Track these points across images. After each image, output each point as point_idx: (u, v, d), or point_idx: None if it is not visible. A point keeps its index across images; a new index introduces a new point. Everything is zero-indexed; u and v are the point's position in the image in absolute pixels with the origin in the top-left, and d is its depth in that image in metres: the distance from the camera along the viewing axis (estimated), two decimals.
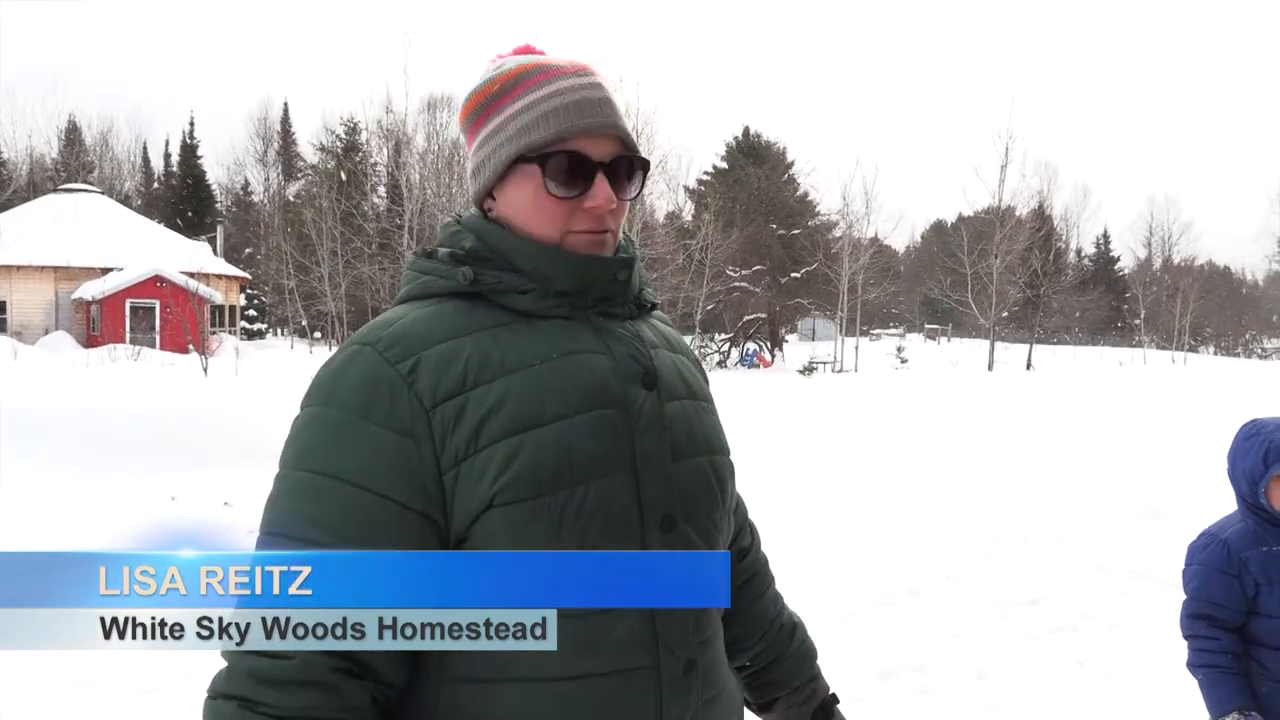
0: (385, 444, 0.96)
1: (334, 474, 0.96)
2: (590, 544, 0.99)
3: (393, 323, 1.04)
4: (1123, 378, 23.50)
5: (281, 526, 0.96)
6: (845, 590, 4.98)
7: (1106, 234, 67.50)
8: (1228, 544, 2.13)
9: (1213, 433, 10.57)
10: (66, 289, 30.28)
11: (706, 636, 1.09)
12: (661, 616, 1.03)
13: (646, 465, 1.04)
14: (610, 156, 1.08)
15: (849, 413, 14.47)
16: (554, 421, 0.99)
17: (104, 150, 50.14)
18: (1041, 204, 40.14)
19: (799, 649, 1.37)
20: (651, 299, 1.20)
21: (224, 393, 11.80)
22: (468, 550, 0.98)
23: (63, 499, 6.96)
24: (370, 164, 37.97)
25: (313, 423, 1.00)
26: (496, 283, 1.07)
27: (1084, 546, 6.02)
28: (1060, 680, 3.85)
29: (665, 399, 1.09)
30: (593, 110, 1.07)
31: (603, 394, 1.04)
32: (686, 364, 1.20)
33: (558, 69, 1.10)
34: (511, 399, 0.99)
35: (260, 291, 42.59)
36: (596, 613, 0.99)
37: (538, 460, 0.97)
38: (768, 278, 35.58)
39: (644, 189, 1.18)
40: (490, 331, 1.04)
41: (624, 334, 1.11)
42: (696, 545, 1.08)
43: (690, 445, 1.10)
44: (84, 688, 3.61)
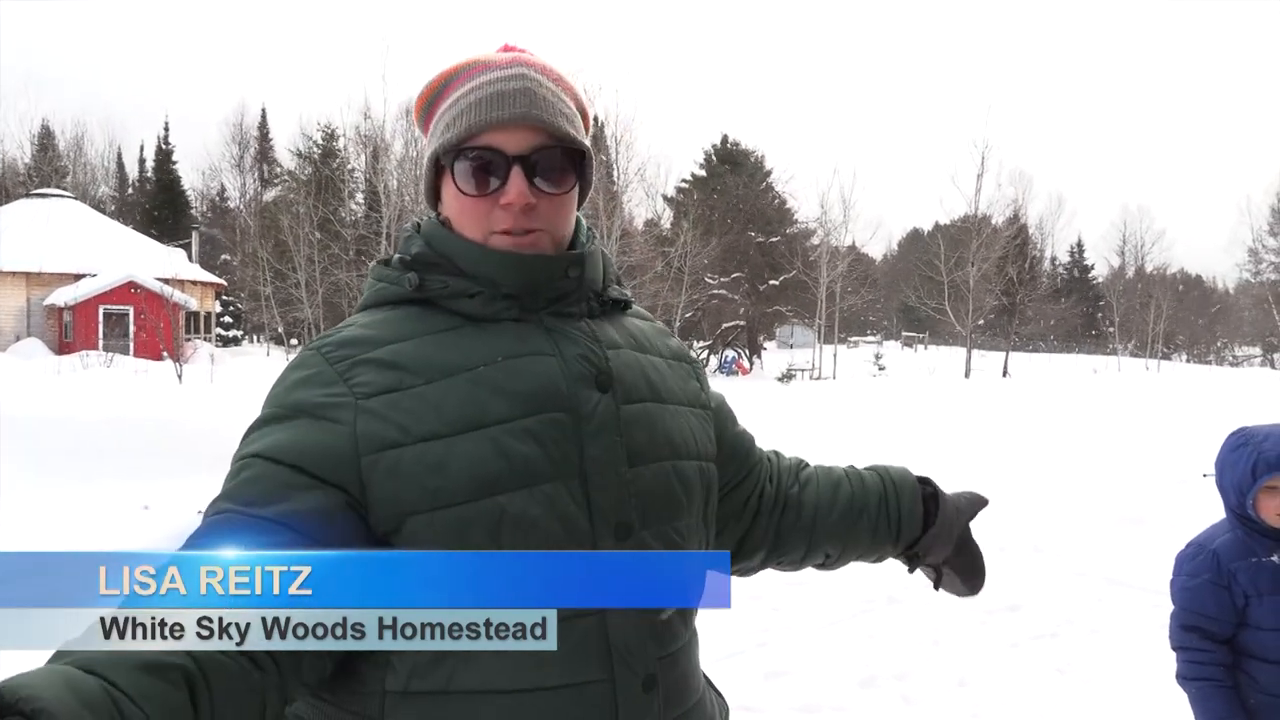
0: (305, 426, 0.96)
1: (255, 454, 0.96)
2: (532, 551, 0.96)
3: (342, 329, 1.05)
4: (1098, 385, 23.74)
5: (208, 508, 0.96)
6: (826, 598, 4.99)
7: (1080, 243, 68.36)
8: (1216, 555, 2.10)
9: (1187, 440, 10.73)
10: (39, 295, 29.84)
11: (671, 652, 1.04)
12: (616, 629, 0.98)
13: (598, 470, 1.00)
14: (530, 149, 1.03)
15: (828, 420, 14.52)
16: (495, 424, 0.96)
17: (77, 155, 49.46)
18: (1017, 213, 40.55)
19: (891, 471, 1.37)
20: (619, 295, 1.15)
21: (199, 400, 11.67)
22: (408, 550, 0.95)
23: (33, 507, 6.85)
24: (348, 170, 37.77)
25: (259, 417, 1.01)
26: (443, 288, 1.05)
27: (1062, 553, 6.08)
28: (1041, 687, 3.87)
29: (623, 401, 1.05)
30: (505, 103, 1.03)
31: (549, 397, 1.00)
32: (658, 365, 1.14)
33: (487, 64, 1.07)
34: (451, 400, 0.97)
35: (236, 298, 42.20)
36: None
37: (474, 463, 0.94)
38: (746, 285, 35.71)
39: (589, 179, 1.10)
40: (435, 336, 1.02)
41: (577, 334, 1.06)
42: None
43: (651, 449, 1.05)
44: None
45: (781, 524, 1.32)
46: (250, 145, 53.62)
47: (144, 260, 30.51)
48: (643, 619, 1.01)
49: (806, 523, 1.32)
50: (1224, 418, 9.80)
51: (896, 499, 1.33)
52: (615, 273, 1.17)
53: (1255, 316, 55.14)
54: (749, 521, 1.31)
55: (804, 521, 1.32)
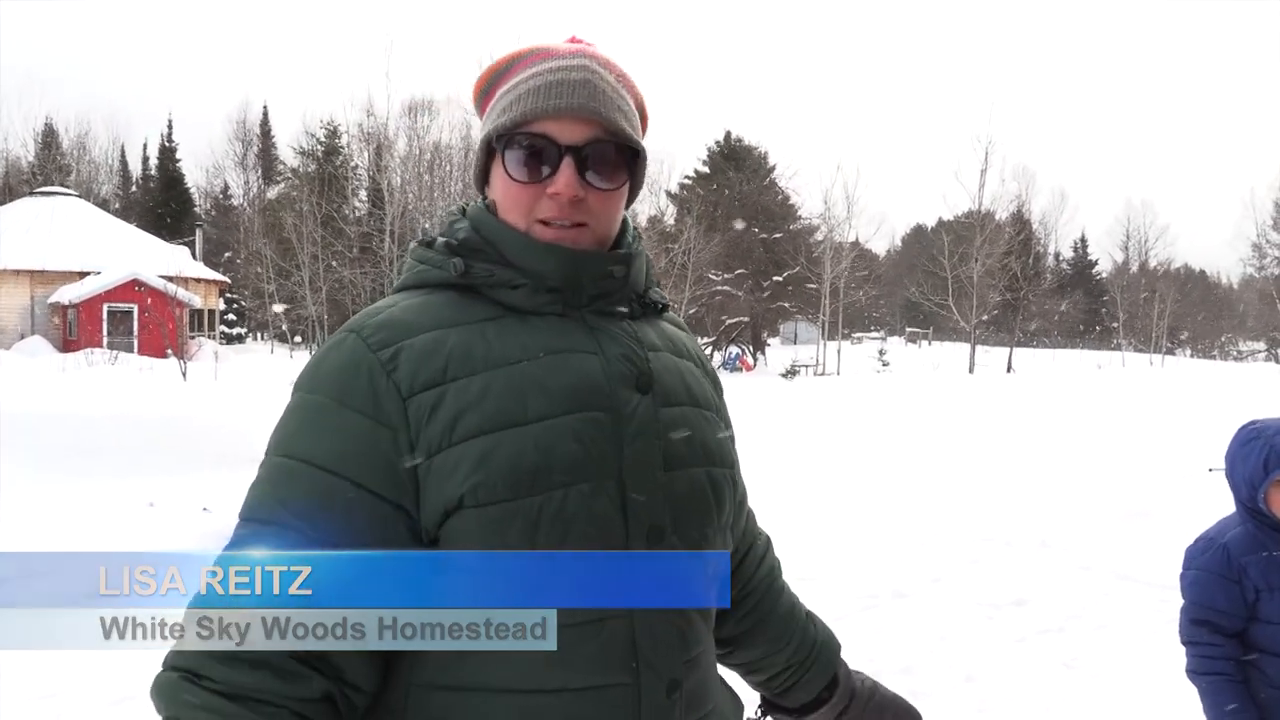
0: (360, 430, 0.93)
1: (307, 459, 0.93)
2: (568, 551, 0.94)
3: (381, 311, 1.02)
4: (1102, 380, 23.70)
5: (254, 511, 0.94)
6: (832, 593, 4.98)
7: (1084, 238, 68.18)
8: (1227, 549, 2.08)
9: (1193, 434, 10.69)
10: (43, 293, 29.89)
11: (693, 656, 1.03)
12: (643, 632, 0.97)
13: (634, 472, 0.98)
14: (584, 141, 1.01)
15: (833, 416, 14.51)
16: (536, 421, 0.95)
17: (81, 153, 49.53)
18: (1020, 208, 40.47)
19: (825, 634, 1.34)
20: (659, 299, 1.14)
21: (203, 397, 11.70)
22: (440, 550, 0.94)
23: (39, 504, 6.86)
24: (351, 167, 37.78)
25: (295, 408, 0.98)
26: (488, 276, 1.03)
27: (1068, 548, 6.06)
28: (1048, 682, 3.86)
29: (661, 404, 1.04)
30: (564, 92, 1.01)
31: (591, 395, 0.99)
32: (693, 370, 1.13)
33: (550, 52, 1.06)
34: (492, 395, 0.95)
35: (240, 296, 42.25)
36: (572, 625, 0.94)
37: (515, 460, 0.93)
38: (750, 281, 35.68)
39: (641, 178, 1.09)
40: (478, 325, 1.00)
41: (620, 334, 1.05)
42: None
43: (687, 454, 1.04)
44: (51, 698, 3.54)
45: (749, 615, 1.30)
46: (253, 142, 53.68)
47: (148, 258, 30.55)
48: (670, 622, 1.00)
49: (761, 625, 1.29)
50: (1229, 412, 9.77)
51: (812, 664, 1.30)
52: (655, 275, 1.17)
53: (1260, 311, 54.99)
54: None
55: (760, 624, 1.29)
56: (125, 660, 3.88)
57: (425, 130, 32.69)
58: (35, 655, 3.91)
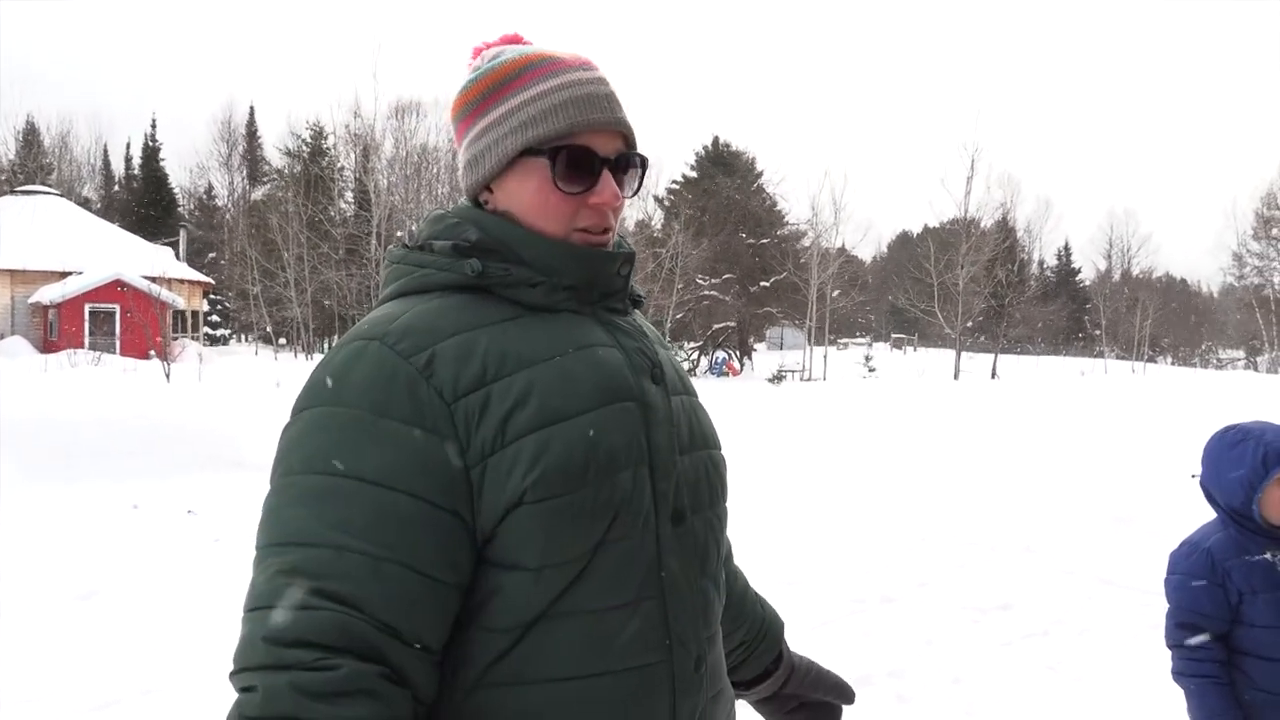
0: (408, 441, 0.92)
1: (355, 475, 0.90)
2: (612, 537, 0.97)
3: (397, 317, 0.99)
4: (1085, 387, 23.88)
5: (298, 535, 0.89)
6: (819, 597, 4.99)
7: (1068, 246, 68.72)
8: (1210, 553, 2.10)
9: (1174, 441, 10.78)
10: (23, 293, 29.60)
11: (712, 632, 1.09)
12: (674, 612, 1.02)
13: (660, 458, 1.03)
14: (616, 153, 1.07)
15: (819, 421, 14.55)
16: (579, 414, 0.98)
17: (63, 152, 49.15)
18: (1005, 216, 40.73)
19: (772, 613, 1.40)
20: (637, 294, 1.19)
21: (187, 400, 11.62)
22: (495, 548, 0.95)
23: (21, 507, 6.79)
24: (337, 169, 37.64)
25: (321, 424, 0.94)
26: (505, 275, 1.04)
27: (1052, 553, 6.10)
28: (1034, 685, 3.88)
29: (670, 394, 1.09)
30: (601, 105, 1.06)
31: (621, 387, 1.03)
32: (676, 360, 1.21)
33: (562, 61, 1.08)
34: (536, 392, 0.97)
35: (224, 297, 41.99)
36: (610, 609, 0.97)
37: (568, 454, 0.95)
38: (737, 286, 35.75)
39: (641, 186, 1.17)
40: (500, 325, 1.01)
41: (629, 328, 1.11)
42: (701, 539, 1.08)
43: (693, 439, 1.11)
44: (38, 701, 3.50)
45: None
46: (238, 143, 53.38)
47: (131, 258, 30.30)
48: (695, 599, 1.05)
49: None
50: (1209, 420, 9.84)
51: (760, 640, 1.36)
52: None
53: (1239, 320, 55.53)
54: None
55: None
56: (108, 665, 3.85)
57: (412, 132, 32.63)
58: (17, 659, 3.88)
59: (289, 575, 0.88)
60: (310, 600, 0.86)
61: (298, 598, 0.86)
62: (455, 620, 0.95)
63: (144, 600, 4.70)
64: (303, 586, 0.87)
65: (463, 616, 0.95)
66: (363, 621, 0.87)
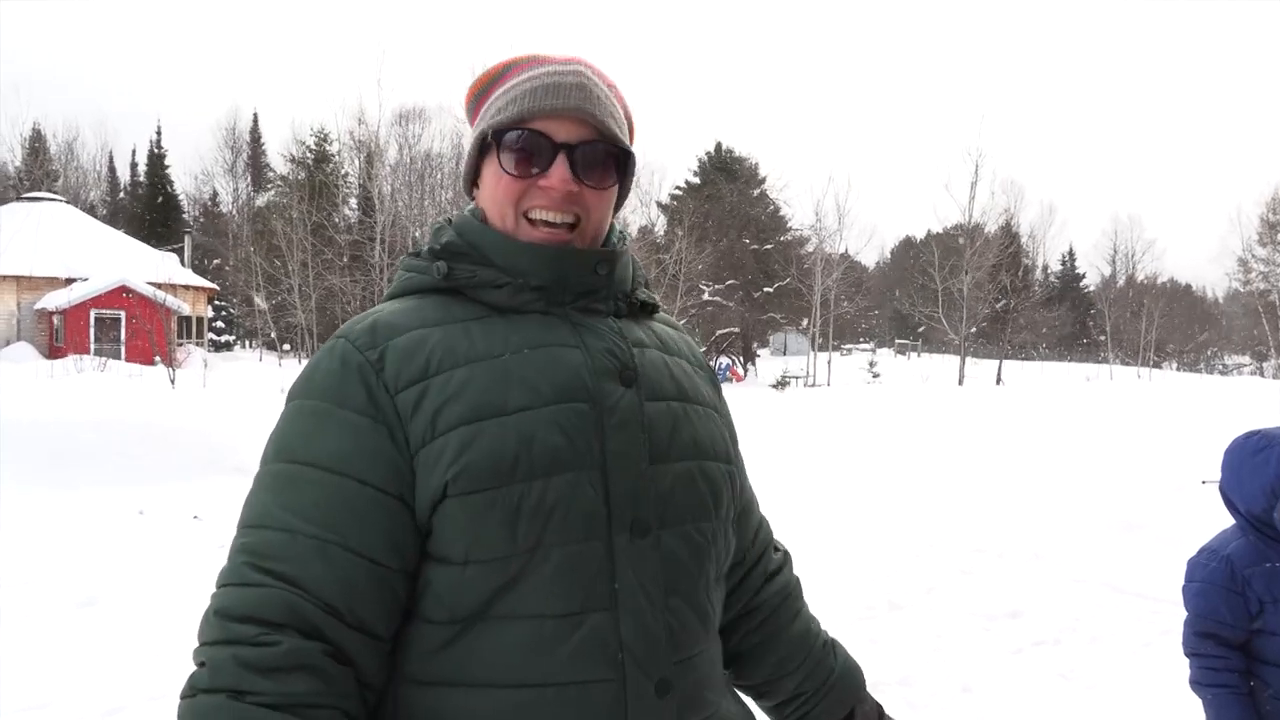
0: (359, 429, 0.95)
1: (310, 461, 0.95)
2: (548, 541, 0.94)
3: (368, 316, 1.04)
4: (1091, 393, 23.81)
5: (259, 519, 0.95)
6: (826, 604, 4.95)
7: (1072, 251, 68.69)
8: (1230, 560, 2.07)
9: (1182, 448, 10.74)
10: (29, 299, 29.67)
11: (687, 657, 1.01)
12: (630, 630, 0.97)
13: (618, 464, 0.99)
14: (576, 140, 1.05)
15: (824, 427, 14.52)
16: (518, 411, 0.96)
17: (69, 159, 49.30)
18: (1009, 221, 40.67)
19: (846, 665, 1.28)
20: (648, 299, 1.15)
21: (192, 405, 11.63)
22: (432, 540, 0.95)
23: (26, 513, 6.79)
24: (341, 175, 37.70)
25: (291, 415, 1.00)
26: (471, 277, 1.05)
27: (1061, 560, 6.06)
28: (1046, 693, 3.85)
29: (647, 398, 1.04)
30: (560, 93, 1.05)
31: (574, 387, 1.00)
32: (684, 366, 1.14)
33: (546, 59, 1.09)
34: (473, 386, 0.97)
35: (228, 303, 42.05)
36: (551, 617, 0.94)
37: (496, 448, 0.94)
38: (740, 292, 35.72)
39: (629, 183, 1.12)
40: (462, 324, 1.03)
41: (604, 330, 1.06)
42: (676, 554, 1.01)
43: (673, 448, 1.04)
44: (43, 708, 3.49)
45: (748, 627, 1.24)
46: (243, 149, 53.52)
47: (136, 264, 30.39)
48: (660, 619, 0.99)
49: (759, 640, 1.24)
50: (1217, 426, 9.82)
51: (824, 695, 1.25)
52: (644, 276, 1.18)
53: (1245, 326, 55.38)
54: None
55: (760, 637, 1.24)
56: (118, 671, 3.83)
57: (416, 138, 32.70)
58: (28, 665, 3.87)
59: (246, 555, 0.93)
60: (260, 579, 0.91)
61: (250, 576, 0.91)
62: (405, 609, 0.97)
63: (150, 605, 4.68)
64: (255, 566, 0.91)
65: (409, 605, 0.97)
66: (306, 601, 0.90)
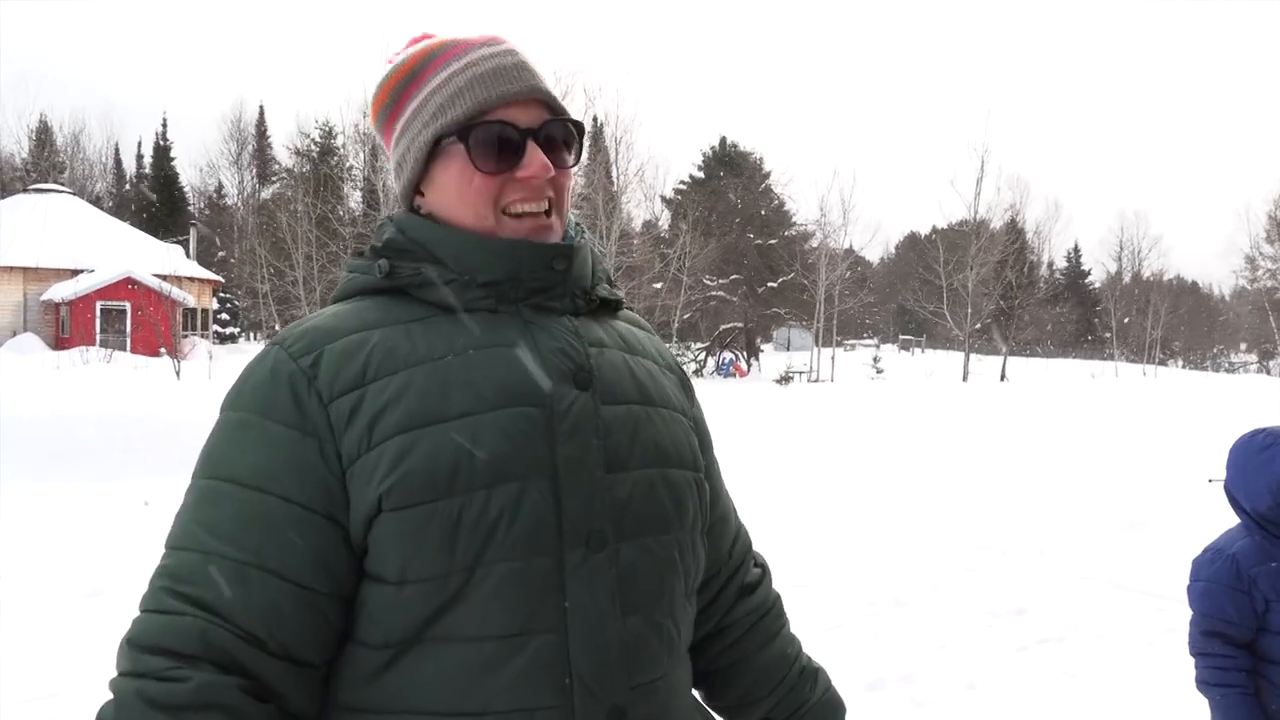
0: (284, 442, 0.89)
1: (231, 478, 0.89)
2: (490, 557, 0.87)
3: (307, 320, 0.98)
4: (1096, 390, 23.78)
5: (180, 539, 0.88)
6: (830, 600, 4.97)
7: (1077, 248, 68.55)
8: (1236, 559, 2.06)
9: (1187, 445, 10.73)
10: (35, 290, 29.76)
11: (645, 682, 0.94)
12: (580, 652, 0.90)
13: (570, 472, 0.91)
14: (539, 123, 0.99)
15: (828, 422, 14.51)
16: (458, 418, 0.89)
17: (75, 151, 49.38)
18: (1015, 217, 40.59)
19: (825, 699, 1.19)
20: (610, 295, 1.07)
21: (197, 397, 11.65)
22: (368, 558, 0.89)
23: (34, 504, 6.81)
24: (346, 168, 37.70)
25: (219, 429, 0.94)
26: (415, 274, 0.98)
27: (1065, 557, 6.06)
28: (1051, 691, 3.85)
29: (604, 401, 0.97)
30: (511, 76, 0.99)
31: (521, 390, 0.92)
32: (648, 367, 1.06)
33: (465, 43, 1.02)
34: (411, 392, 0.90)
35: (233, 295, 42.11)
36: (492, 639, 0.88)
37: (433, 459, 0.87)
38: (744, 287, 35.70)
39: (582, 155, 1.07)
40: (404, 325, 0.95)
41: (558, 329, 0.99)
42: (635, 568, 0.94)
43: (633, 455, 0.97)
44: (53, 698, 3.50)
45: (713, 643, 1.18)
46: (248, 142, 53.56)
47: (142, 256, 30.46)
48: (615, 640, 0.92)
49: (731, 658, 1.18)
50: (1223, 424, 9.79)
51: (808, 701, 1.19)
52: (606, 271, 1.10)
53: (1251, 323, 55.21)
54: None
55: (732, 656, 1.18)
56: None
57: None
58: (35, 656, 3.88)
59: (164, 579, 0.86)
60: (174, 605, 0.84)
61: (165, 602, 0.85)
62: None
63: None
64: (171, 591, 0.85)
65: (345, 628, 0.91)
66: (223, 629, 0.83)
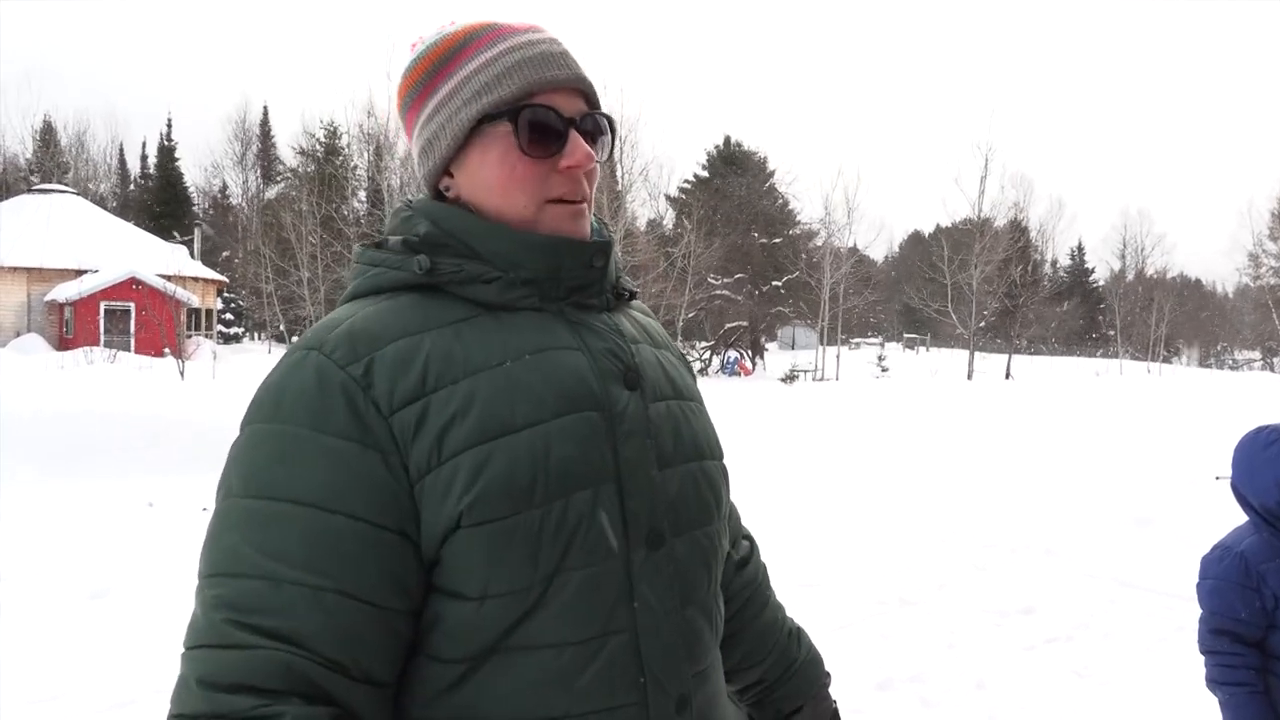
0: (345, 456, 0.83)
1: (290, 498, 0.82)
2: (569, 565, 0.86)
3: (340, 322, 0.91)
4: (1101, 387, 23.72)
5: (232, 566, 0.82)
6: (838, 600, 4.94)
7: (1081, 246, 68.35)
8: (1244, 557, 2.05)
9: (1193, 442, 10.69)
10: (39, 291, 29.78)
11: (702, 669, 0.97)
12: (650, 649, 0.90)
13: (630, 475, 0.92)
14: (580, 113, 0.97)
15: (833, 421, 14.49)
16: (527, 427, 0.87)
17: (79, 151, 49.40)
18: (1018, 216, 40.52)
19: (809, 655, 1.27)
20: (629, 287, 1.07)
21: (202, 397, 11.64)
22: (439, 572, 0.86)
23: (37, 504, 6.81)
24: (350, 168, 37.73)
25: (259, 441, 0.86)
26: (457, 271, 0.94)
27: (1073, 555, 6.02)
28: (1060, 690, 3.82)
29: (650, 400, 0.97)
30: (558, 63, 0.96)
31: (582, 395, 0.91)
32: (671, 360, 1.07)
33: (509, 27, 0.98)
34: (479, 402, 0.86)
35: (237, 295, 42.16)
36: (570, 645, 0.87)
37: (510, 472, 0.85)
38: (749, 286, 35.67)
39: (613, 151, 1.04)
40: (452, 327, 0.91)
41: (602, 328, 0.98)
42: (688, 562, 0.96)
43: (678, 450, 0.98)
44: (54, 700, 3.49)
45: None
46: (253, 142, 53.59)
47: (146, 256, 30.48)
48: (676, 633, 0.93)
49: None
50: (1228, 421, 9.75)
51: (784, 683, 1.24)
52: (622, 263, 1.10)
53: (1255, 320, 55.08)
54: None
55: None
56: (129, 663, 3.83)
57: None
58: (38, 657, 3.87)
59: (225, 610, 0.80)
60: (244, 638, 0.79)
61: (234, 635, 0.79)
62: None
63: (160, 598, 4.68)
64: (239, 623, 0.80)
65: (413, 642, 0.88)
66: (306, 659, 0.79)
